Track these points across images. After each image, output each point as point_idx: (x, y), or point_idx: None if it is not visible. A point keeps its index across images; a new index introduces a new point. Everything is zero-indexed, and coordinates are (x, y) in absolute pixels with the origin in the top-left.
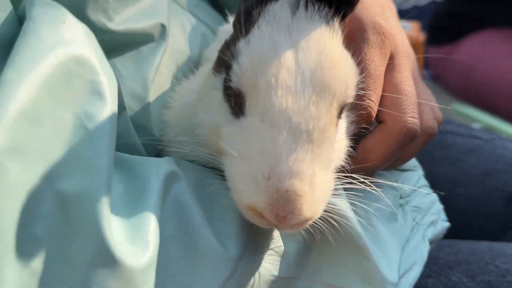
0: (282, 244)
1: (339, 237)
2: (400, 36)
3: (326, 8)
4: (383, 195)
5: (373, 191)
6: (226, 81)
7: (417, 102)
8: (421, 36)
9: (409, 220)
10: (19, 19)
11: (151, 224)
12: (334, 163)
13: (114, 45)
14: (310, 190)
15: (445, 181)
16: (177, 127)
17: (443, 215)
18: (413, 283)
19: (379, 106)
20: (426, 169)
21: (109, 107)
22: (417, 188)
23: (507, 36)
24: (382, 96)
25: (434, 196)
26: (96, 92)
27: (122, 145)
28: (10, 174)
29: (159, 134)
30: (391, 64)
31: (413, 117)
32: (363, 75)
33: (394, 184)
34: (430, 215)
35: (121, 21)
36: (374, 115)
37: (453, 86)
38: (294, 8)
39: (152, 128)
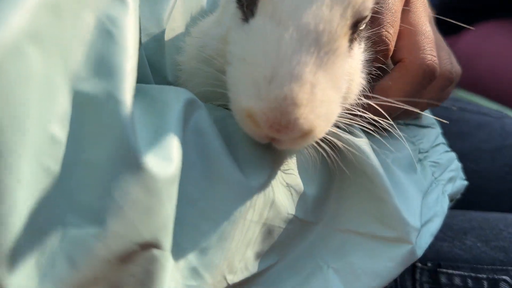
0: (301, 183)
1: (355, 175)
2: None
3: None
4: (404, 143)
5: (392, 139)
6: None
7: (435, 43)
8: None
9: (429, 174)
10: None
11: (173, 142)
12: (343, 86)
13: None
14: (310, 100)
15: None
16: (190, 67)
17: (461, 174)
18: (434, 234)
19: (397, 44)
20: None
21: (132, 14)
22: (436, 144)
23: (508, 28)
24: (400, 36)
25: (453, 154)
26: None
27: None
28: (30, 61)
29: (173, 79)
30: (406, 9)
31: (431, 55)
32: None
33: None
34: (449, 172)
35: None
36: (392, 49)
37: None
38: None
39: (165, 70)
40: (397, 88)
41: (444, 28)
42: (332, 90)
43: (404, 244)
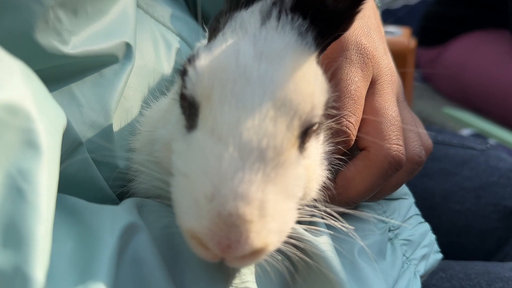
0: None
1: (312, 282)
2: (385, 60)
3: (300, 20)
4: (373, 228)
5: (360, 223)
6: (181, 88)
7: (402, 128)
8: (412, 42)
9: (399, 257)
10: None
11: None
12: (298, 192)
13: (71, 70)
14: (260, 216)
15: (439, 195)
16: (141, 159)
17: (435, 247)
18: None
19: (360, 132)
20: (419, 183)
21: (46, 160)
22: (408, 217)
23: (494, 38)
24: (363, 121)
25: (426, 226)
26: (31, 144)
27: (81, 183)
28: None
29: (125, 165)
30: (372, 89)
31: (397, 144)
32: (342, 96)
33: (382, 218)
34: (422, 248)
35: (78, 43)
36: (354, 138)
37: (443, 88)
38: (265, 17)
39: (116, 160)
40: (361, 179)
41: (431, 38)
42: (284, 202)
43: None
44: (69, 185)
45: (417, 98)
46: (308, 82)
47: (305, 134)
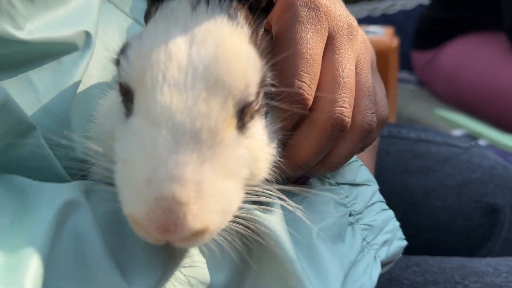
0: (208, 274)
1: (269, 259)
2: (342, 12)
3: (227, 1)
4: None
5: (321, 204)
6: (118, 78)
7: (353, 91)
8: (395, 42)
9: (359, 241)
10: None
11: (31, 263)
12: (242, 172)
13: (29, 56)
14: (197, 198)
15: (420, 192)
16: (93, 150)
17: (399, 234)
18: None
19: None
20: (399, 179)
21: None
22: (372, 203)
23: (488, 40)
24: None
25: (390, 213)
26: None
27: (36, 167)
28: None
29: (83, 153)
30: (330, 44)
31: (342, 107)
32: (293, 56)
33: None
34: (384, 234)
35: (34, 29)
36: (310, 97)
37: (438, 91)
38: (195, 3)
39: (74, 148)
40: (306, 142)
41: (426, 41)
42: (225, 181)
43: None
44: (22, 168)
45: (411, 100)
46: (240, 62)
47: (242, 113)
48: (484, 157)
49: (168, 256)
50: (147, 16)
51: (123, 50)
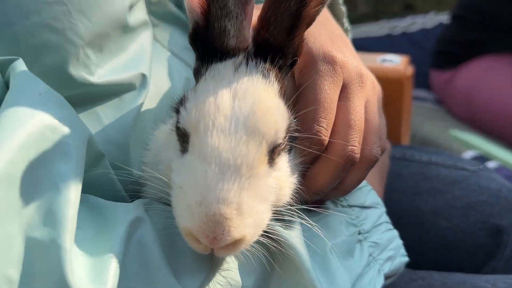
0: (239, 278)
1: (290, 268)
2: (354, 63)
3: (262, 63)
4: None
5: (331, 228)
6: (176, 123)
7: (362, 131)
8: (409, 70)
9: (365, 256)
10: (5, 84)
11: (111, 266)
12: (271, 197)
13: (97, 96)
14: (238, 215)
15: (428, 213)
16: (151, 167)
17: (402, 251)
18: None
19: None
20: (410, 200)
21: (75, 165)
22: (378, 224)
23: (505, 62)
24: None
25: (394, 233)
26: (65, 153)
27: (103, 188)
28: None
29: (138, 175)
30: (344, 92)
31: (353, 145)
32: (313, 105)
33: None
34: (388, 251)
35: (103, 74)
36: (326, 139)
37: (455, 110)
38: (237, 65)
39: (132, 170)
40: (321, 175)
41: (444, 61)
42: (258, 204)
43: None
44: (93, 188)
45: (427, 119)
46: (272, 113)
47: (273, 152)
48: (492, 180)
49: (210, 262)
50: (197, 73)
51: (182, 102)
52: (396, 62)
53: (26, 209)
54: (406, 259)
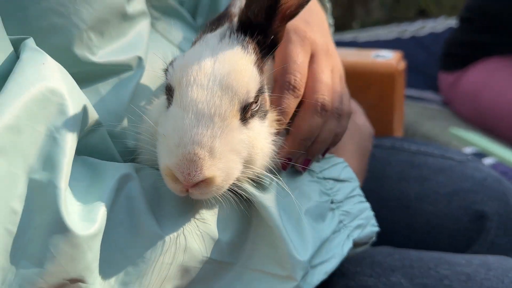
0: (216, 231)
1: (263, 224)
2: (322, 40)
3: (242, 36)
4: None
5: (305, 194)
6: (165, 80)
7: (330, 87)
8: (402, 65)
9: (336, 221)
10: (18, 58)
11: (101, 210)
12: (242, 151)
13: (97, 73)
14: (210, 156)
15: (414, 198)
16: (146, 135)
17: (373, 221)
18: (329, 272)
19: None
20: (397, 186)
21: (71, 122)
22: (351, 196)
23: (509, 64)
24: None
25: (366, 205)
26: (63, 113)
27: (100, 152)
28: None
29: (134, 144)
30: (312, 58)
31: (323, 95)
32: (287, 62)
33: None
34: (359, 220)
35: (103, 55)
36: (302, 89)
37: (462, 111)
38: (222, 37)
39: (126, 139)
40: (304, 121)
41: (452, 63)
42: (229, 152)
43: (292, 281)
44: (91, 153)
45: (430, 119)
46: (244, 75)
47: (245, 110)
48: (477, 169)
49: (190, 213)
50: (193, 43)
51: (171, 63)
52: (388, 57)
53: (29, 155)
54: (376, 228)
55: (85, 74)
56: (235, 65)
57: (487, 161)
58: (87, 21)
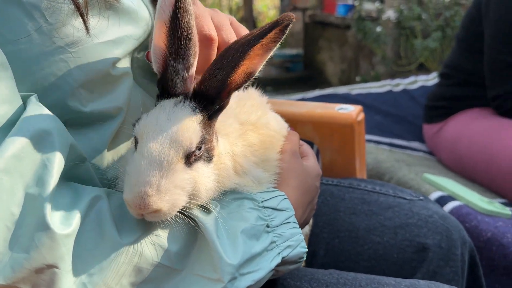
0: (166, 243)
1: (205, 243)
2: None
3: (194, 103)
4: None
5: (244, 218)
6: (133, 133)
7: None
8: (361, 116)
9: (268, 241)
10: (24, 108)
11: (76, 218)
12: (186, 187)
13: (85, 120)
14: (156, 193)
15: (363, 230)
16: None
17: (303, 244)
18: (255, 280)
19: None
20: (348, 219)
21: (58, 154)
22: (285, 223)
23: (486, 114)
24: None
25: (298, 231)
26: (53, 147)
27: (85, 181)
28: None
29: (112, 176)
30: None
31: (209, 27)
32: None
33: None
34: (290, 242)
35: (92, 107)
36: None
37: (444, 159)
38: (177, 103)
39: (106, 173)
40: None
41: (434, 115)
42: (174, 188)
43: (220, 283)
44: (78, 180)
45: (409, 165)
46: (188, 131)
47: (188, 156)
48: (425, 208)
49: (147, 227)
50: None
51: (138, 120)
52: (349, 110)
53: (26, 176)
54: (304, 249)
55: (76, 121)
56: (182, 123)
57: (455, 203)
58: (78, 81)
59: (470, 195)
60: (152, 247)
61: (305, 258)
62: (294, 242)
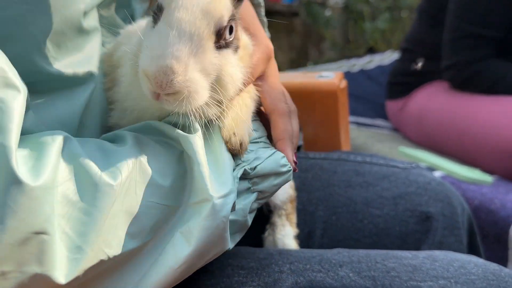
0: (158, 179)
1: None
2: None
3: None
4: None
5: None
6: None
7: (287, 94)
8: (343, 83)
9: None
10: None
11: (48, 166)
12: (212, 72)
13: (52, 85)
14: (183, 71)
15: (361, 202)
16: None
17: (276, 155)
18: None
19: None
20: (344, 193)
21: (15, 92)
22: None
23: (447, 87)
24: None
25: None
26: (8, 85)
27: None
28: None
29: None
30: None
31: (286, 103)
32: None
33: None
34: (255, 155)
35: (59, 67)
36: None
37: (409, 134)
38: None
39: None
40: (284, 127)
41: (396, 91)
42: (199, 72)
43: (206, 202)
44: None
45: (379, 142)
46: (221, 4)
47: (218, 34)
48: (421, 175)
49: (131, 161)
50: None
51: None
52: (330, 77)
53: None
54: (282, 156)
55: (40, 86)
56: None
57: (436, 174)
58: (44, 32)
59: (450, 165)
60: (143, 185)
61: (290, 168)
62: (262, 154)
